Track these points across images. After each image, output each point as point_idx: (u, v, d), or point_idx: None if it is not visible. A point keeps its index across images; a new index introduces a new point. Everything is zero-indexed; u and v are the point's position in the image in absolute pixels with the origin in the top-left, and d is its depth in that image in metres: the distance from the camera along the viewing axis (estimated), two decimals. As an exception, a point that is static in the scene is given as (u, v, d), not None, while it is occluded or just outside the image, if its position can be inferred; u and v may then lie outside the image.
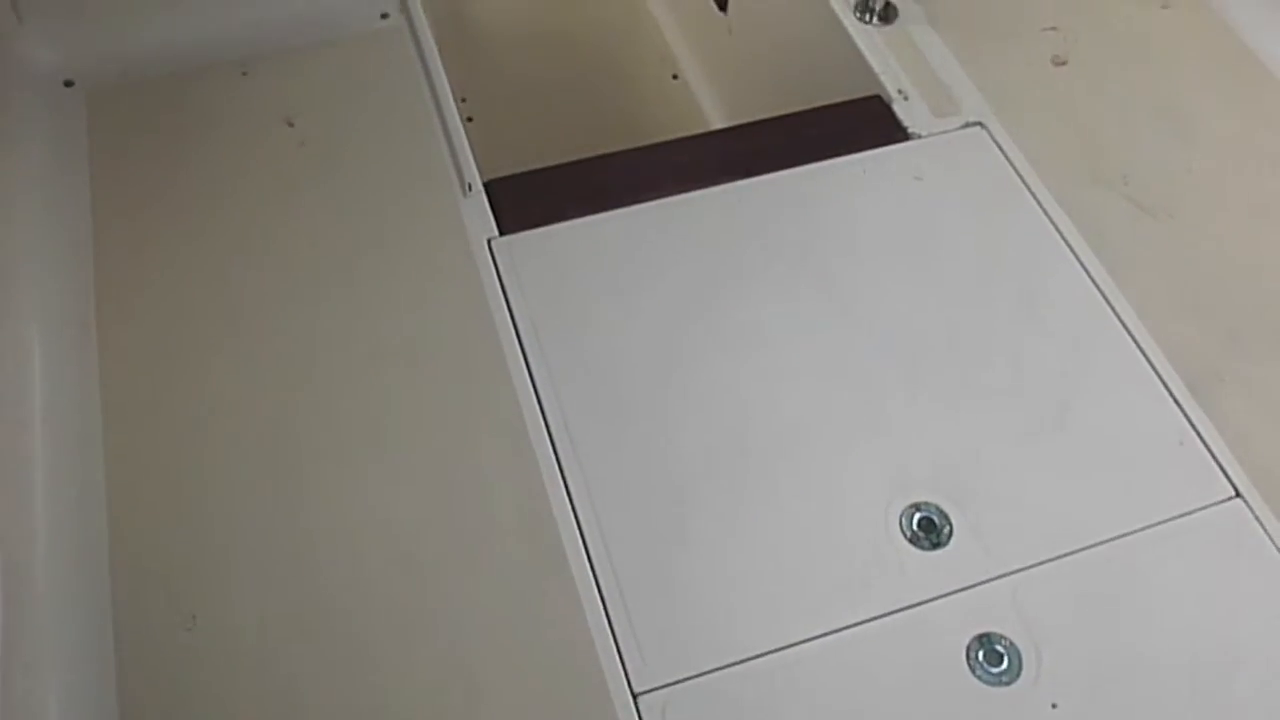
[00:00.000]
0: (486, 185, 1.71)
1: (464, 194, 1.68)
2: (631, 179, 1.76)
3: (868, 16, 1.96)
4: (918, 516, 1.39)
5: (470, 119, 2.56)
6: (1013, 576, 1.35)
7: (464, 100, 2.60)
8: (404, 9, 1.94)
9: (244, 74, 1.85)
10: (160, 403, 1.48)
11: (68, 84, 1.84)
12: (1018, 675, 1.28)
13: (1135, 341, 1.56)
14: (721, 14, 2.43)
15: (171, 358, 1.52)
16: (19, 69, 1.83)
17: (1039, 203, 1.71)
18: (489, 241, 1.62)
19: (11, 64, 1.82)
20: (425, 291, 1.58)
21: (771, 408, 1.48)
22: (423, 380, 1.49)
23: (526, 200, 1.70)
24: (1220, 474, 1.45)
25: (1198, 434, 1.48)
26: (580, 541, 1.35)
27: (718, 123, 2.57)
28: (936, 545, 1.37)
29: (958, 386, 1.51)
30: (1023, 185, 1.73)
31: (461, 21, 2.79)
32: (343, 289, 1.58)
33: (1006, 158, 1.77)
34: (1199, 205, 1.76)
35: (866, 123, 1.81)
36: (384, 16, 1.94)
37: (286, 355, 1.52)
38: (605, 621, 1.29)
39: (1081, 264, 1.64)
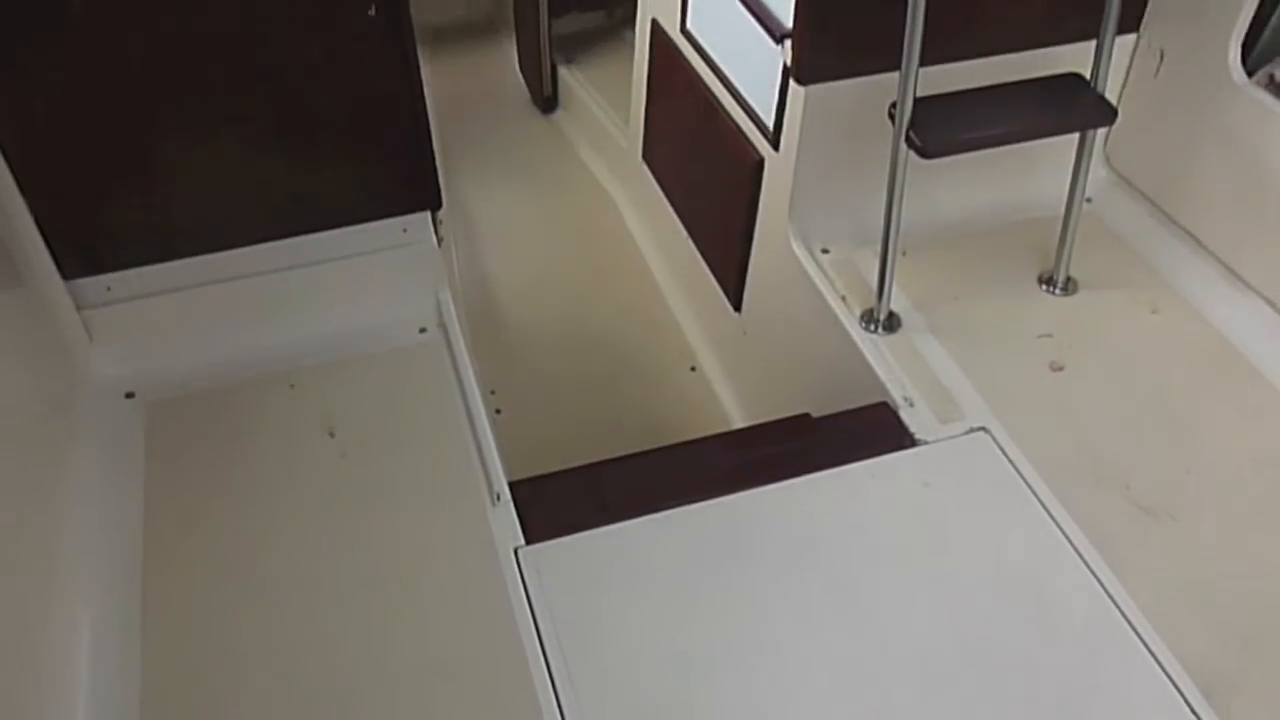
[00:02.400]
0: (514, 487, 1.80)
1: (492, 503, 1.77)
2: (652, 484, 1.85)
3: (872, 326, 2.10)
4: (936, 838, 1.39)
5: (499, 411, 2.70)
6: None
7: (493, 392, 2.75)
8: (441, 324, 2.09)
9: (291, 386, 1.99)
10: (196, 712, 1.52)
11: (129, 395, 1.98)
12: None
13: (1148, 648, 1.59)
14: (736, 314, 2.59)
15: (210, 665, 1.58)
16: (86, 382, 1.98)
17: (1044, 507, 1.78)
18: (516, 551, 1.69)
19: (79, 377, 1.98)
20: (453, 603, 1.64)
21: (787, 719, 1.50)
22: (449, 697, 1.53)
23: (552, 507, 1.78)
24: (1243, 790, 1.44)
25: (1217, 746, 1.49)
26: None
27: (734, 412, 2.68)
28: None
29: (970, 697, 1.53)
30: (1028, 490, 1.80)
31: (495, 320, 2.98)
32: (375, 601, 1.65)
33: (1011, 462, 1.85)
34: (1202, 507, 1.81)
35: (875, 429, 1.91)
36: (422, 331, 2.10)
37: (318, 671, 1.57)
38: None
39: (1090, 569, 1.69)
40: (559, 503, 1.80)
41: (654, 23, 2.80)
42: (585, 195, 3.46)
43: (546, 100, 3.78)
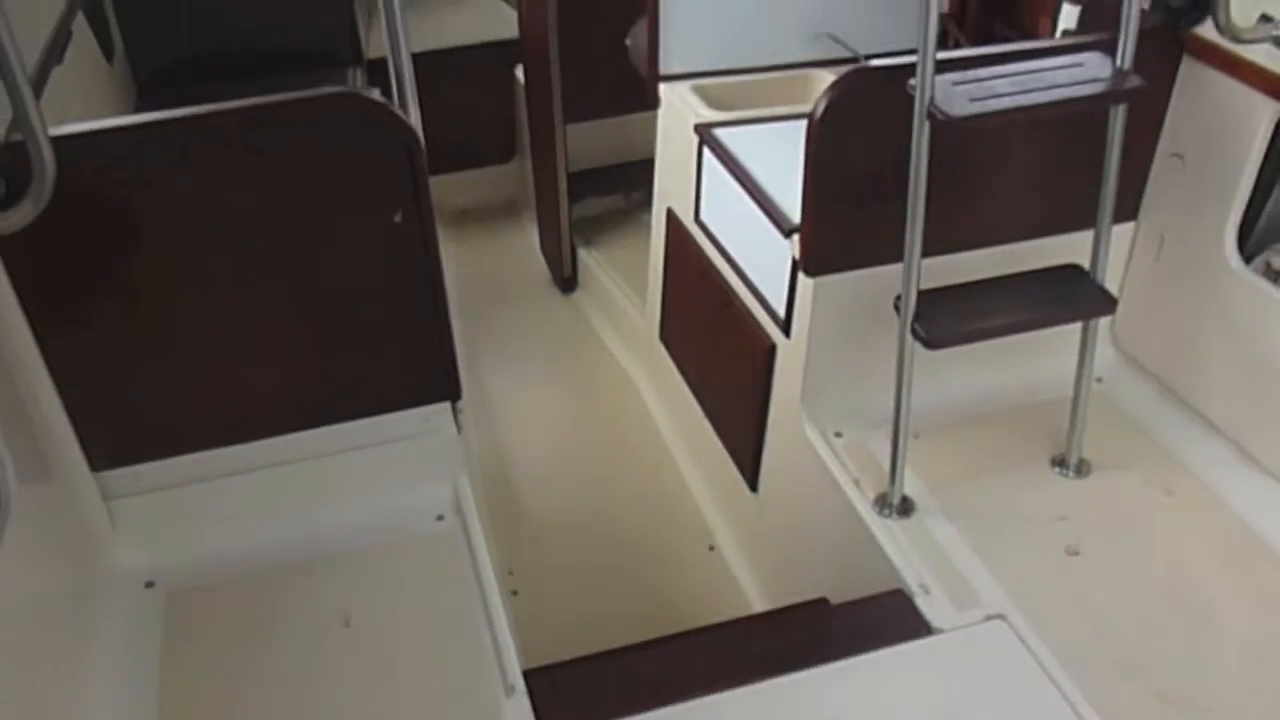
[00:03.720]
0: (529, 676, 1.78)
1: (506, 696, 1.75)
2: (669, 674, 1.83)
3: (886, 510, 2.11)
4: None
5: (516, 592, 2.70)
6: None
7: (511, 573, 2.76)
8: (459, 510, 2.12)
9: (309, 574, 2.01)
10: None
11: (149, 585, 2.01)
12: None
13: None
14: (752, 494, 2.61)
15: None
16: (107, 571, 2.01)
17: (1065, 697, 1.74)
18: None
19: (101, 566, 2.01)
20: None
21: None
22: None
23: (567, 699, 1.77)
24: None
25: None
26: None
27: (752, 593, 2.67)
28: None
29: None
30: (1048, 680, 1.77)
31: (513, 498, 3.00)
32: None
33: (1030, 651, 1.82)
34: (1226, 696, 1.78)
35: (891, 617, 1.90)
36: (439, 518, 2.12)
37: None
38: None
39: (1113, 763, 1.66)
40: (574, 695, 1.79)
41: (669, 211, 2.91)
42: (604, 373, 3.53)
43: (566, 280, 3.90)
